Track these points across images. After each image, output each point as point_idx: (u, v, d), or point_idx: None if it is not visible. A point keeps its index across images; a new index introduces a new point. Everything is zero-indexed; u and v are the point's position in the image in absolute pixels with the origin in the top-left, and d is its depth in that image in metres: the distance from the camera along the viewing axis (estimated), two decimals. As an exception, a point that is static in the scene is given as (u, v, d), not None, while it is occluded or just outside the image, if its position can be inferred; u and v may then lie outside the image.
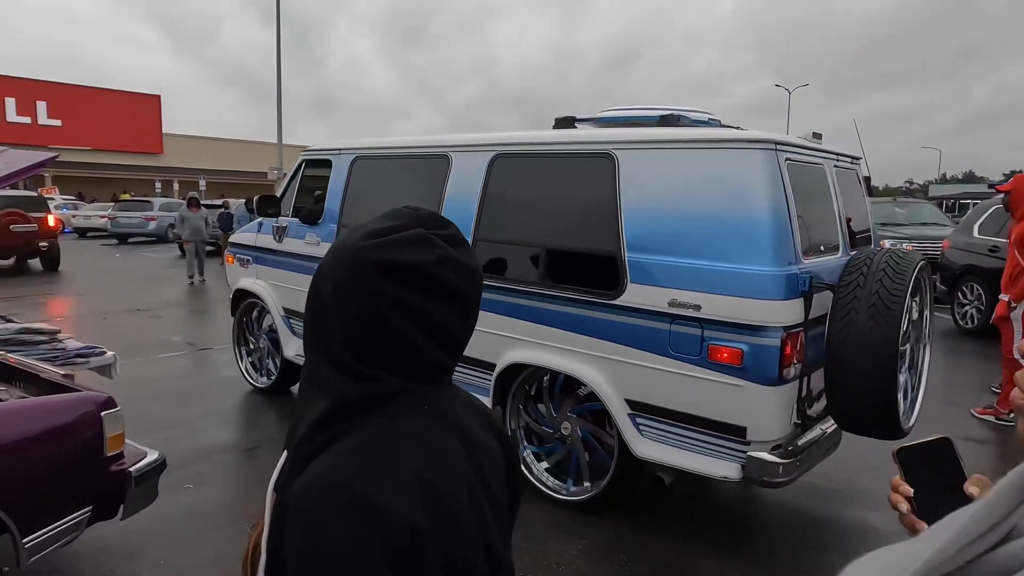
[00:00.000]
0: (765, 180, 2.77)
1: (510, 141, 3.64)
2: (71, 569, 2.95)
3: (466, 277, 0.81)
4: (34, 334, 3.55)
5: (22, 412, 2.26)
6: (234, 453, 4.33)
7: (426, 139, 4.18)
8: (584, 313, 3.24)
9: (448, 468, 0.78)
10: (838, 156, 3.51)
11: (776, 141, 2.86)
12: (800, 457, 2.84)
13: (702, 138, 2.99)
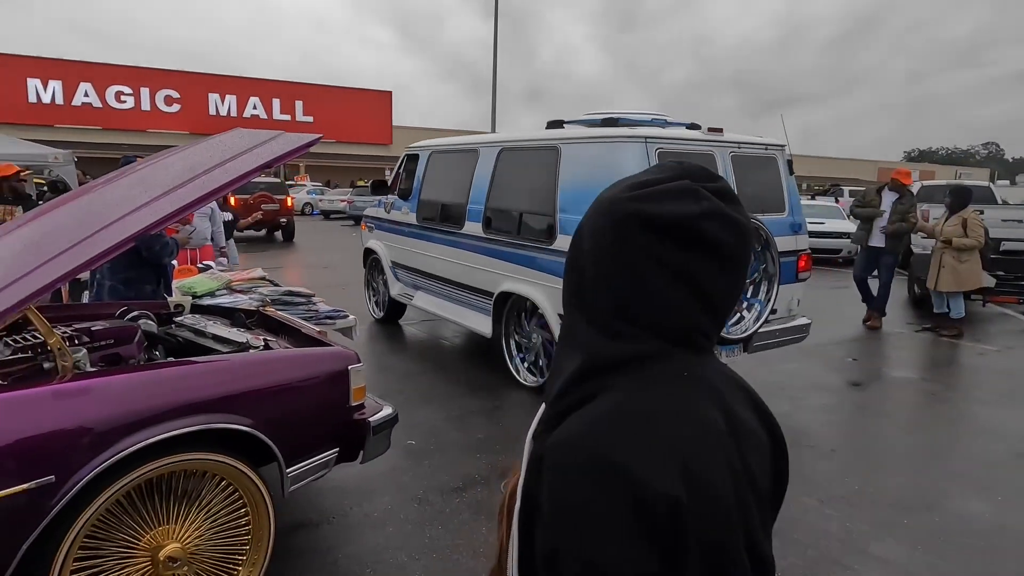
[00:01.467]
0: (634, 162, 4.12)
1: (510, 139, 5.33)
2: (318, 502, 3.39)
3: (735, 233, 0.73)
4: (295, 296, 4.11)
5: (292, 360, 2.62)
6: (444, 420, 4.65)
7: (464, 139, 6.07)
8: (536, 255, 4.76)
9: (711, 446, 0.70)
10: (740, 144, 4.70)
11: (647, 136, 4.24)
12: None
13: (603, 136, 4.45)
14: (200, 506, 2.39)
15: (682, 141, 4.44)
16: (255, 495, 2.49)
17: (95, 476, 2.03)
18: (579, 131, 4.75)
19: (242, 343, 2.86)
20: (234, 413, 2.39)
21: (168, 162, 2.88)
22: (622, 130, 4.40)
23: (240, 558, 2.49)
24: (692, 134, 4.56)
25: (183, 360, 2.48)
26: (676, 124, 4.81)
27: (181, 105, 29.74)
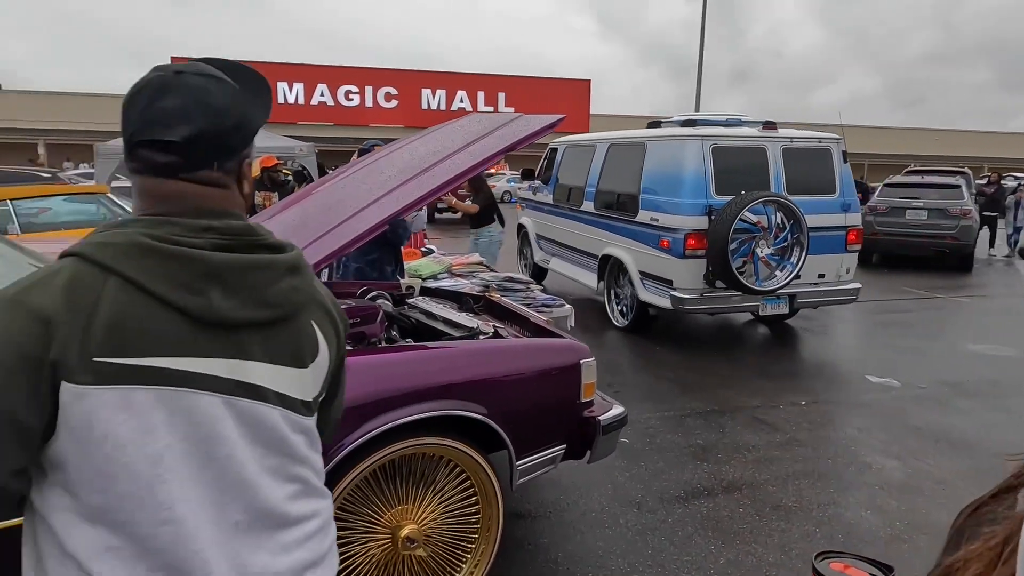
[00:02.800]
0: (692, 157, 5.56)
1: (617, 137, 6.86)
2: (534, 494, 3.32)
3: None
4: (515, 282, 4.09)
5: (526, 350, 2.55)
6: (660, 420, 4.38)
7: (587, 136, 7.86)
8: (625, 226, 6.23)
9: None
10: (792, 139, 5.88)
11: (704, 135, 5.64)
12: (703, 302, 5.62)
13: (673, 135, 5.86)
14: (435, 490, 2.40)
15: (735, 138, 5.75)
16: (485, 484, 2.45)
17: (348, 453, 2.09)
18: (661, 131, 6.21)
19: (472, 328, 2.84)
20: (469, 400, 2.36)
21: (411, 148, 2.93)
22: (687, 130, 5.81)
23: (469, 545, 2.47)
24: (745, 131, 5.89)
25: (423, 344, 2.51)
26: (751, 123, 6.10)
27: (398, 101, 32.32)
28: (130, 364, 0.83)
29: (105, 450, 0.83)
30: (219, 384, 0.89)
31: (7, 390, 0.80)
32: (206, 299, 0.86)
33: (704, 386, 5.01)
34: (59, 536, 0.84)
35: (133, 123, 0.89)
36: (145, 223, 0.88)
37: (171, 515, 0.85)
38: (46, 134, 27.17)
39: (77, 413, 0.82)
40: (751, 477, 3.57)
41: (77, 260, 0.86)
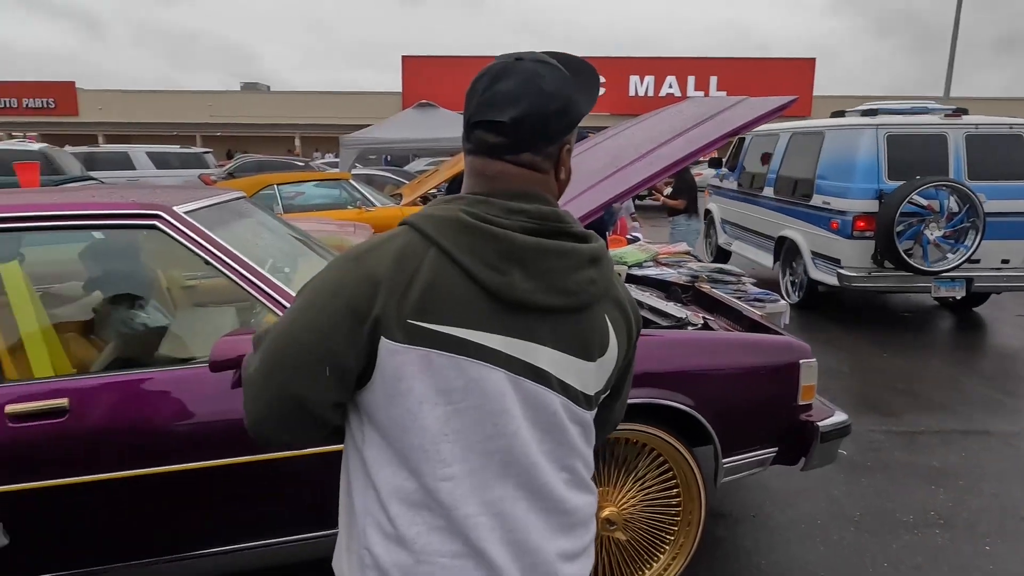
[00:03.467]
0: (866, 145, 5.93)
1: (798, 127, 7.29)
2: (737, 494, 3.18)
3: None
4: (726, 274, 3.91)
5: (739, 344, 2.44)
6: (886, 434, 3.92)
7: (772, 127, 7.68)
8: (800, 209, 6.75)
9: None
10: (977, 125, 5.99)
11: (878, 124, 5.93)
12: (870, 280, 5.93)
13: (849, 124, 6.25)
14: (636, 477, 2.40)
15: (913, 125, 5.93)
16: (688, 476, 2.40)
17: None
18: (839, 120, 6.50)
19: (681, 319, 2.78)
20: (675, 391, 2.32)
21: (626, 134, 2.93)
22: (863, 119, 6.06)
23: (668, 536, 2.44)
24: (923, 119, 6.01)
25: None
26: (939, 110, 6.15)
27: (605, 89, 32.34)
28: (434, 329, 0.89)
29: (407, 403, 0.91)
30: (509, 362, 0.92)
31: (333, 332, 0.90)
32: (508, 278, 0.90)
33: (939, 401, 4.40)
34: (368, 467, 0.95)
35: (472, 105, 0.95)
36: (467, 201, 0.94)
37: (451, 472, 0.91)
38: (302, 128, 31.39)
39: (390, 367, 0.90)
40: (999, 511, 3.07)
41: (410, 229, 0.94)
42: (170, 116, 31.13)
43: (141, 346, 2.38)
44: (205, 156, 17.13)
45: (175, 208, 2.06)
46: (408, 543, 0.92)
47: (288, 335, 0.93)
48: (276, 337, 0.95)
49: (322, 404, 0.94)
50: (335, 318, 0.90)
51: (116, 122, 30.69)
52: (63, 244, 2.86)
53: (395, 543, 0.93)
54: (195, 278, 3.23)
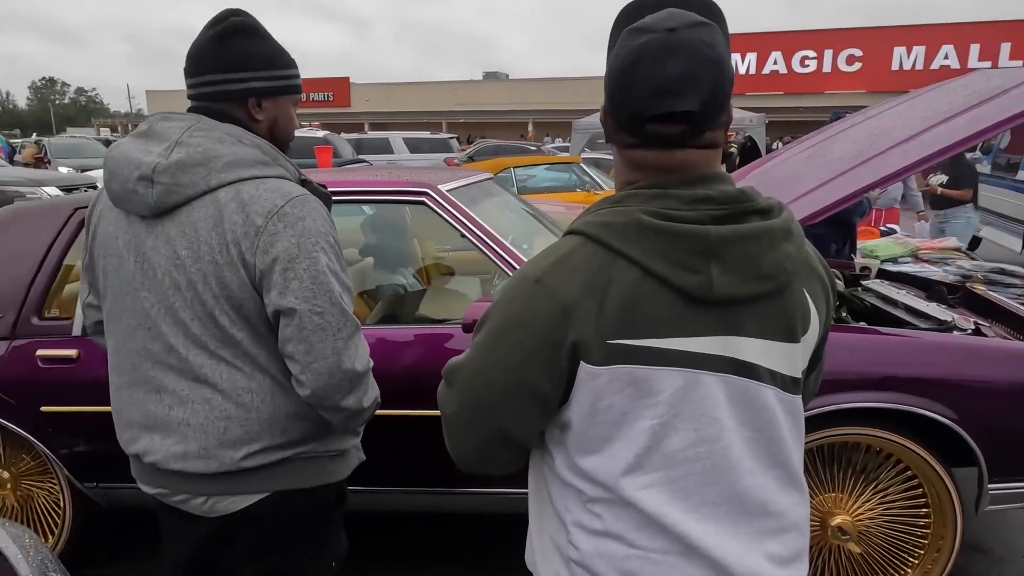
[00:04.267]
0: None
1: None
2: (1002, 530, 2.76)
3: None
4: (1008, 275, 3.36)
5: (1020, 354, 2.11)
6: None
7: None
8: None
9: None
10: None
11: None
12: None
13: None
14: (876, 488, 2.21)
15: None
16: (942, 497, 2.15)
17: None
18: None
19: (945, 321, 2.46)
20: (933, 400, 2.08)
21: (893, 113, 2.65)
22: None
23: (911, 560, 2.22)
24: None
25: (878, 329, 2.29)
26: None
27: (862, 63, 28.88)
28: (634, 344, 0.84)
29: (609, 417, 0.87)
30: (714, 362, 0.86)
31: (528, 367, 0.87)
32: (705, 277, 0.83)
33: None
34: (563, 472, 0.93)
35: (639, 98, 0.83)
36: (641, 197, 0.87)
37: (652, 480, 0.88)
38: (535, 114, 32.77)
39: (590, 388, 0.87)
40: None
41: (585, 240, 0.88)
42: (422, 105, 34.48)
43: (403, 306, 2.75)
44: (450, 141, 18.71)
45: (439, 187, 2.34)
46: (615, 535, 0.90)
47: (483, 377, 0.91)
48: (471, 379, 0.93)
49: (528, 434, 0.94)
50: (527, 353, 0.87)
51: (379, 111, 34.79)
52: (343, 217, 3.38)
53: (601, 536, 0.91)
54: (445, 250, 3.62)
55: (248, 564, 1.37)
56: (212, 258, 1.20)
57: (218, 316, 1.23)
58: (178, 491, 1.31)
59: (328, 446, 1.39)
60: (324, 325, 1.21)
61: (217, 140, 1.24)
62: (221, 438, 1.26)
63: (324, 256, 1.23)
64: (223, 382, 1.25)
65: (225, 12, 1.30)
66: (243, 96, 1.29)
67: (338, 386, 1.24)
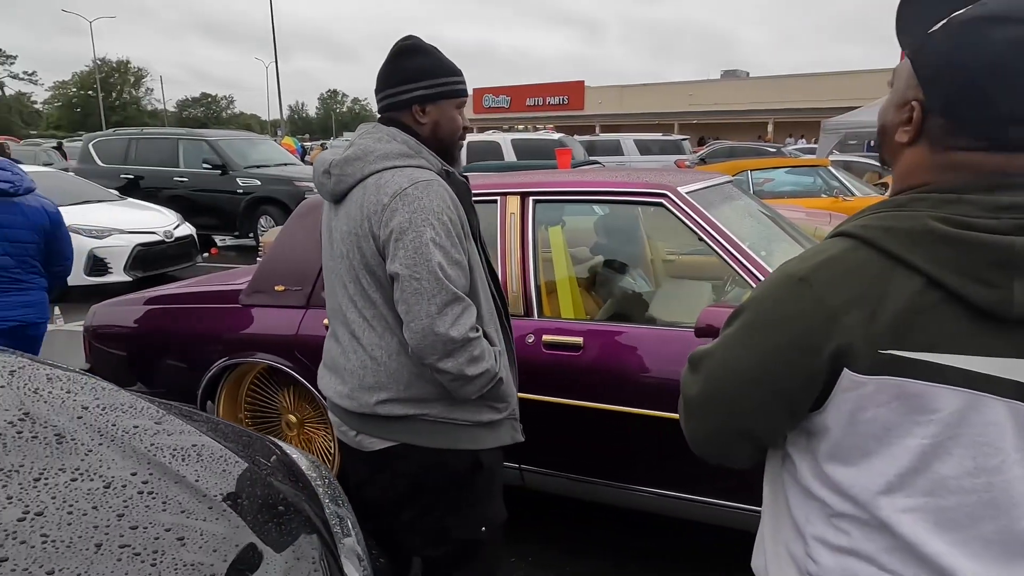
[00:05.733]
0: None
1: None
2: None
3: None
4: None
5: None
6: None
7: None
8: None
9: None
10: None
11: None
12: None
13: None
14: None
15: None
16: None
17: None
18: None
19: None
20: None
21: None
22: None
23: None
24: None
25: None
26: None
27: None
28: (909, 357, 0.79)
29: (871, 430, 0.83)
30: (1002, 386, 0.78)
31: (782, 369, 0.85)
32: (1005, 292, 0.76)
33: None
34: (807, 481, 0.90)
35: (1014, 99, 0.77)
36: (930, 202, 0.81)
37: (916, 504, 0.82)
38: (776, 113, 30.65)
39: (851, 398, 0.82)
40: None
41: (859, 244, 0.83)
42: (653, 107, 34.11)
43: (633, 305, 2.79)
44: (682, 143, 18.30)
45: (679, 188, 2.34)
46: (864, 556, 0.85)
47: (732, 370, 0.90)
48: (718, 368, 0.92)
49: (769, 434, 0.93)
50: (784, 354, 0.85)
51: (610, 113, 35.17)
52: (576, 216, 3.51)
53: (847, 555, 0.87)
54: (675, 253, 3.58)
55: (399, 504, 1.63)
56: (356, 231, 1.48)
57: (361, 280, 1.51)
58: (342, 422, 1.62)
59: (456, 415, 1.55)
60: (420, 290, 1.40)
61: (376, 140, 1.52)
62: (361, 383, 1.54)
63: (431, 230, 1.42)
64: (364, 337, 1.53)
65: (400, 39, 1.58)
66: (408, 104, 1.56)
67: (432, 347, 1.41)
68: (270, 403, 3.08)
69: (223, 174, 9.94)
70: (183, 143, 10.43)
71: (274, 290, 2.84)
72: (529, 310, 2.44)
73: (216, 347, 2.95)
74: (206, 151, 10.15)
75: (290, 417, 3.01)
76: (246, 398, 3.13)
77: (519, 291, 2.45)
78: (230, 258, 9.69)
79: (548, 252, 2.58)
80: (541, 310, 2.45)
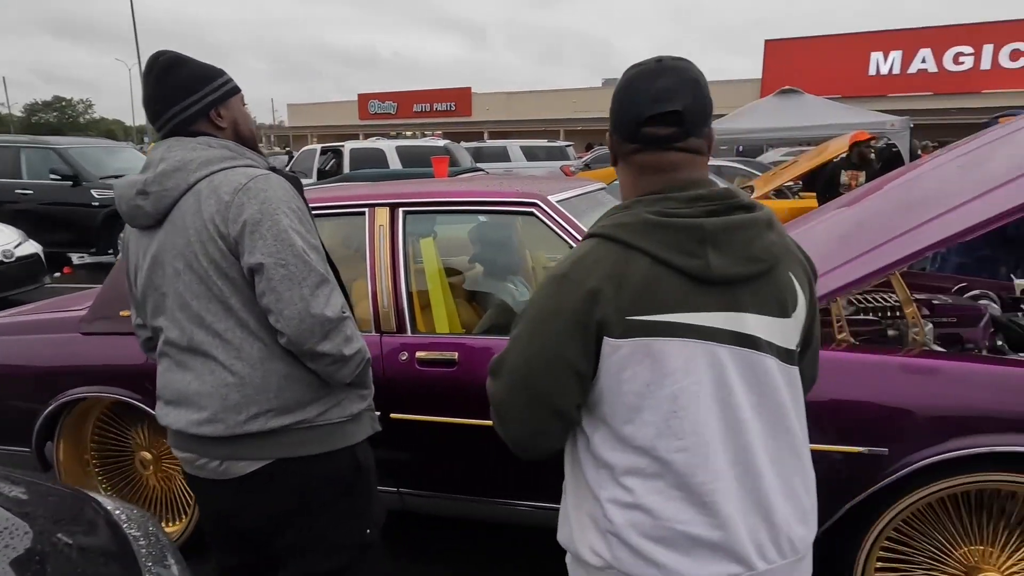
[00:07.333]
0: None
1: None
2: None
3: None
4: None
5: None
6: None
7: None
8: None
9: None
10: None
11: None
12: None
13: None
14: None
15: None
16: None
17: (925, 466, 1.87)
18: None
19: None
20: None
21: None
22: None
23: (1077, 631, 1.92)
24: None
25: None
26: None
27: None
28: (651, 320, 1.02)
29: (635, 387, 1.03)
30: (721, 335, 1.03)
31: (567, 345, 1.04)
32: (704, 261, 1.01)
33: None
34: (597, 450, 1.09)
35: (638, 105, 1.05)
36: (645, 202, 1.06)
37: (684, 444, 1.03)
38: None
39: (613, 361, 1.03)
40: None
41: (601, 240, 1.06)
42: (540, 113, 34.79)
43: (512, 315, 2.75)
44: (567, 149, 18.71)
45: (549, 197, 2.32)
46: (646, 509, 1.04)
47: (528, 360, 1.07)
48: (516, 363, 1.09)
49: (570, 407, 1.09)
50: (566, 333, 1.04)
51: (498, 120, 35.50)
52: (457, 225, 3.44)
53: (634, 509, 1.05)
54: (555, 260, 3.59)
55: (281, 526, 1.52)
56: (198, 238, 1.40)
57: (212, 289, 1.42)
58: (199, 454, 1.48)
59: (331, 414, 1.50)
60: (289, 275, 1.36)
61: (191, 149, 1.45)
62: (225, 403, 1.43)
63: (286, 218, 1.39)
64: (219, 355, 1.43)
65: (151, 57, 1.48)
66: (204, 113, 1.49)
67: (311, 330, 1.37)
68: (121, 441, 2.78)
69: (75, 185, 9.02)
70: (26, 152, 9.38)
71: (119, 316, 2.56)
72: (402, 326, 2.34)
73: (52, 381, 2.62)
74: (54, 160, 9.19)
75: (144, 455, 2.73)
76: (92, 437, 2.81)
77: (390, 307, 2.34)
78: (82, 278, 8.82)
79: (421, 265, 2.49)
80: (415, 326, 2.36)
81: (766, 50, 28.56)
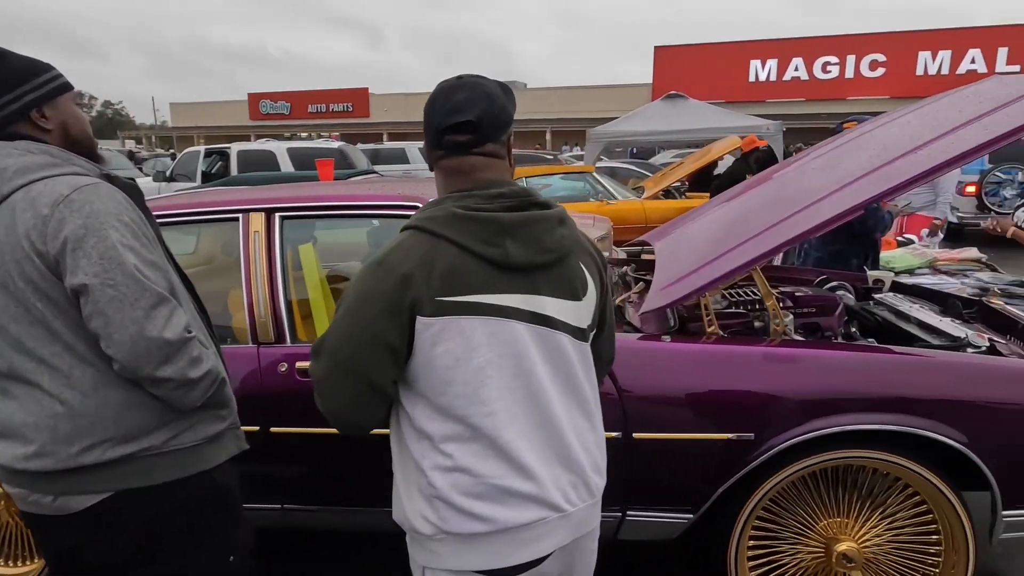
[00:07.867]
0: None
1: None
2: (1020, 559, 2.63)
3: None
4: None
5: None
6: None
7: None
8: None
9: None
10: None
11: None
12: None
13: None
14: (883, 513, 2.12)
15: None
16: (952, 523, 2.05)
17: (788, 447, 2.00)
18: None
19: (958, 339, 2.36)
20: (942, 423, 1.99)
21: (903, 121, 2.56)
22: None
23: (922, 589, 2.12)
24: None
25: (888, 347, 2.20)
26: None
27: (885, 69, 28.43)
28: (458, 300, 1.15)
29: (446, 362, 1.16)
30: (521, 314, 1.19)
31: (382, 324, 1.15)
32: (503, 249, 1.16)
33: None
34: (418, 423, 1.21)
35: (438, 117, 1.19)
36: (453, 199, 1.19)
37: (491, 409, 1.17)
38: (553, 123, 32.76)
39: (426, 337, 1.16)
40: None
41: (416, 231, 1.19)
42: (440, 115, 34.49)
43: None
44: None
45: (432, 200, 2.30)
46: (464, 470, 1.18)
47: (348, 339, 1.17)
48: (337, 342, 1.18)
49: (386, 382, 1.20)
50: (381, 314, 1.15)
51: (397, 121, 35.00)
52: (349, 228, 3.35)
53: (454, 472, 1.18)
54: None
55: (128, 564, 1.39)
56: (13, 257, 1.26)
57: (32, 311, 1.28)
58: (30, 490, 1.34)
59: (183, 438, 1.39)
60: (119, 296, 1.24)
61: (5, 156, 1.30)
62: (54, 435, 1.29)
63: (115, 232, 1.26)
64: (45, 383, 1.30)
65: None
66: (23, 114, 1.33)
67: (146, 355, 1.26)
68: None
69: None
70: None
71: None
72: (281, 336, 2.25)
73: None
74: None
75: (-6, 488, 2.48)
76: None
77: (268, 316, 2.24)
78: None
79: (300, 272, 2.40)
80: (295, 335, 2.27)
81: (656, 56, 29.82)
